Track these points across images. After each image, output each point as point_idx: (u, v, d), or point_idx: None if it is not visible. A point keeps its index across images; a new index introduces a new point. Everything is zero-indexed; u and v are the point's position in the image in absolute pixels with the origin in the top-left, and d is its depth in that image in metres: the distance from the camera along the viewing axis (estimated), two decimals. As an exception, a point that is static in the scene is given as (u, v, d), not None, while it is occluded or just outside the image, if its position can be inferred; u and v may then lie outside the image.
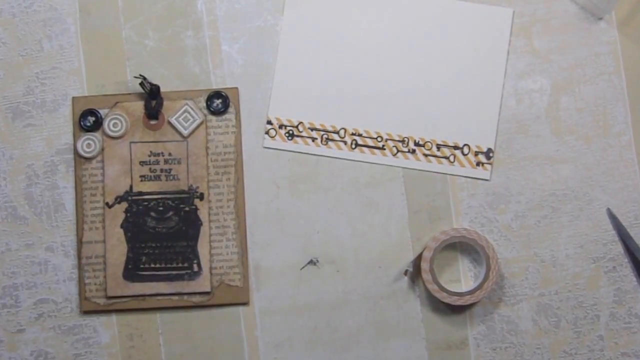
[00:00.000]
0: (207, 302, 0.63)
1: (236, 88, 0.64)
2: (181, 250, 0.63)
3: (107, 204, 0.63)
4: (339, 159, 0.63)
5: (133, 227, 0.63)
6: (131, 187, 0.63)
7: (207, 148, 0.63)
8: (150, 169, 0.63)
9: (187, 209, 0.63)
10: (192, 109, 0.64)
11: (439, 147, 0.63)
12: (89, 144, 0.63)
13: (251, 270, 0.63)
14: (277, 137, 0.64)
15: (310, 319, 0.63)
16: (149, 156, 0.63)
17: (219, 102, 0.64)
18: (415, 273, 0.62)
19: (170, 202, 0.63)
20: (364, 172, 0.64)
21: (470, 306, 0.62)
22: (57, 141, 0.64)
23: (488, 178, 0.64)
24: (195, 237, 0.63)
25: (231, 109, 0.64)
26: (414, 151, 0.63)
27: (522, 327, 0.63)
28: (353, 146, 0.63)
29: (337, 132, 0.63)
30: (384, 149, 0.63)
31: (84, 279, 0.63)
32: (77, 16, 0.65)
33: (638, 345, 0.62)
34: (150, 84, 0.62)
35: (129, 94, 0.64)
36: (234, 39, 0.65)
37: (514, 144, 0.64)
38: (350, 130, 0.63)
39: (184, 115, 0.63)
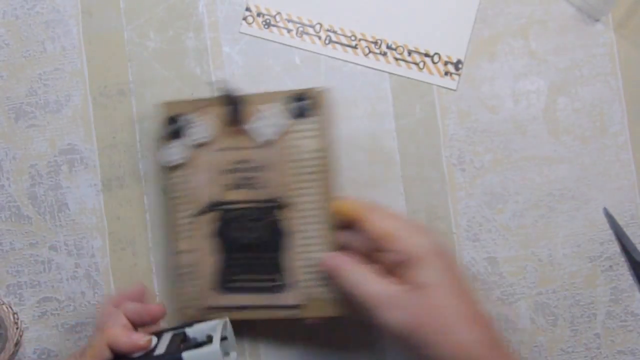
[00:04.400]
0: (295, 316, 0.59)
1: (322, 89, 0.59)
2: (267, 261, 0.59)
3: (194, 213, 0.60)
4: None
5: (218, 237, 0.60)
6: (215, 196, 0.60)
7: (291, 154, 0.59)
8: (234, 177, 0.60)
9: (272, 218, 0.59)
10: (274, 113, 0.59)
11: (410, 52, 0.64)
12: (174, 152, 0.60)
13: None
14: (254, 24, 0.65)
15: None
16: (233, 164, 0.60)
17: (303, 104, 0.59)
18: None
19: (254, 212, 0.59)
20: (364, 172, 0.64)
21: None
22: (60, 142, 0.65)
23: (455, 88, 0.64)
24: (281, 248, 0.58)
25: (318, 112, 0.59)
26: (385, 54, 0.64)
27: (520, 325, 0.63)
28: (327, 42, 0.64)
29: (313, 27, 0.65)
30: (356, 48, 0.64)
31: (180, 289, 0.60)
32: (79, 18, 0.66)
33: (634, 343, 0.63)
34: (232, 89, 0.59)
35: (211, 100, 0.60)
36: (235, 41, 0.65)
37: (511, 145, 0.64)
38: (326, 27, 0.65)
39: (266, 121, 0.59)
